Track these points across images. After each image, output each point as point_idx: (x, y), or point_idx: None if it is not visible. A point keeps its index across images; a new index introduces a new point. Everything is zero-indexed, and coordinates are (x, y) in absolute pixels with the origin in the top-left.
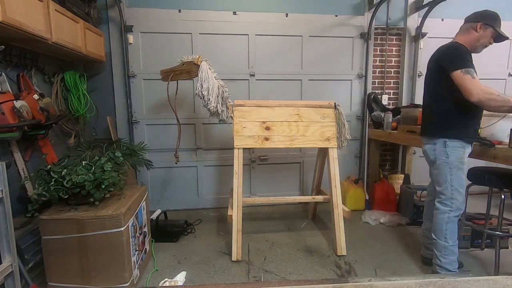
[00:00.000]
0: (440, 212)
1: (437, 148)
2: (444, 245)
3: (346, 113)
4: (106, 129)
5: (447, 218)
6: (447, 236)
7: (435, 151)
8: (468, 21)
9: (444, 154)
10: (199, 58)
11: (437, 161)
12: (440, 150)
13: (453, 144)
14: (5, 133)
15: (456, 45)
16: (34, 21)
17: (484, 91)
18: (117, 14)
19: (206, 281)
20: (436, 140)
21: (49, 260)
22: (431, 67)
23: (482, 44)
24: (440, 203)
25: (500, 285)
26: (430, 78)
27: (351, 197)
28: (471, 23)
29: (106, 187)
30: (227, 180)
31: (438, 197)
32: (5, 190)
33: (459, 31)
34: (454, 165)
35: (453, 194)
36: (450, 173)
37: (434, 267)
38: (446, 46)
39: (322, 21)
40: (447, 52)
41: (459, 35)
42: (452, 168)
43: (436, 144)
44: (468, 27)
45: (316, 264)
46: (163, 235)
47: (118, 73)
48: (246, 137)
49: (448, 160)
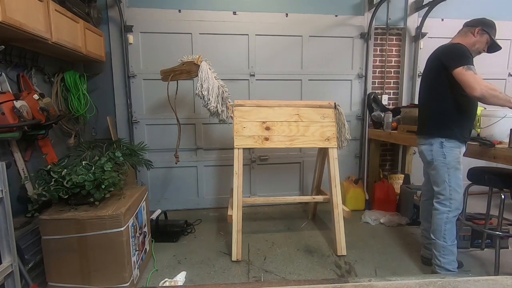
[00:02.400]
0: (439, 212)
1: (434, 148)
2: (443, 245)
3: (346, 113)
4: (106, 129)
5: (445, 219)
6: (446, 236)
7: (432, 151)
8: (466, 25)
9: (441, 155)
10: (199, 58)
11: (434, 161)
12: (437, 151)
13: (450, 144)
14: (5, 133)
15: (457, 45)
16: (34, 21)
17: (488, 87)
18: (117, 14)
19: (206, 281)
20: (433, 141)
21: (49, 260)
22: (430, 67)
23: (477, 49)
24: (439, 204)
25: (500, 285)
26: (428, 78)
27: (351, 197)
28: (470, 27)
29: (106, 187)
30: (227, 180)
31: (436, 198)
32: (5, 190)
33: (457, 34)
34: (452, 165)
35: (452, 194)
36: (448, 174)
37: (434, 267)
38: (447, 46)
39: (322, 21)
40: (448, 51)
41: (457, 37)
42: (450, 168)
43: (433, 145)
44: (466, 31)
45: (316, 264)
46: (163, 235)
47: (118, 73)
48: (246, 137)
49: (445, 160)
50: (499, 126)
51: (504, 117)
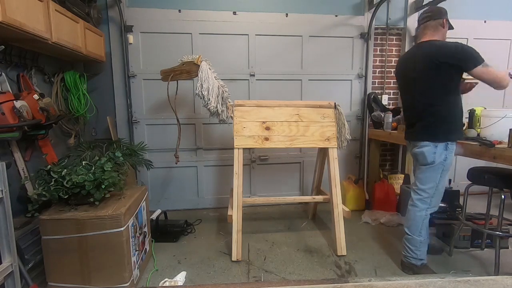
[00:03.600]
0: (419, 209)
1: (438, 150)
2: (420, 240)
3: (346, 113)
4: (106, 129)
5: (424, 215)
6: (422, 232)
7: (435, 154)
8: (431, 18)
9: (443, 157)
10: (199, 58)
11: (435, 162)
12: (441, 153)
13: (453, 147)
14: (5, 133)
15: (458, 44)
16: (34, 21)
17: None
18: (117, 14)
19: (206, 281)
20: (439, 143)
21: (49, 260)
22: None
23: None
24: (420, 201)
25: (500, 285)
26: (424, 80)
27: (351, 197)
28: (437, 20)
29: (106, 187)
30: (227, 180)
31: (418, 195)
32: (5, 190)
33: (428, 31)
34: (447, 167)
35: (435, 194)
36: (441, 175)
37: (408, 260)
38: (444, 45)
39: (322, 21)
40: (456, 51)
41: (433, 34)
42: (445, 170)
43: (437, 147)
44: (435, 25)
45: (316, 264)
46: (163, 235)
47: (118, 73)
48: (246, 137)
49: (445, 162)
50: (499, 126)
51: (504, 117)
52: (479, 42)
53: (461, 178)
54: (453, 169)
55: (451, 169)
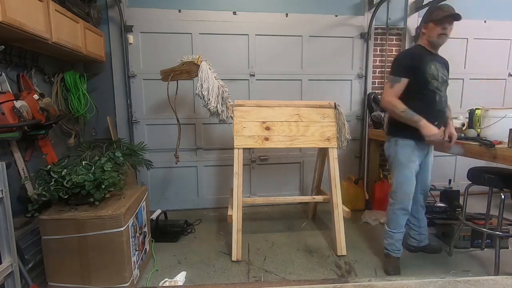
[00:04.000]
0: (389, 203)
1: (390, 146)
2: (386, 230)
3: (346, 113)
4: (106, 129)
5: (390, 210)
6: (389, 224)
7: (389, 148)
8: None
9: (393, 152)
10: (199, 58)
11: (390, 157)
12: (392, 148)
13: (403, 143)
14: (5, 133)
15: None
16: (34, 21)
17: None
18: (117, 14)
19: (206, 281)
20: (391, 139)
21: (49, 260)
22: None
23: (435, 37)
24: (389, 195)
25: (500, 285)
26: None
27: (351, 197)
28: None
29: (106, 187)
30: (227, 180)
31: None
32: (5, 190)
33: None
34: (400, 162)
35: (396, 188)
36: (397, 169)
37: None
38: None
39: (322, 21)
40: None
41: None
42: (399, 165)
43: (390, 142)
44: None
45: (316, 264)
46: (163, 235)
47: (118, 73)
48: (246, 137)
49: (396, 157)
50: (499, 126)
51: (504, 117)
52: (479, 42)
53: (461, 178)
54: (453, 169)
55: (451, 169)
